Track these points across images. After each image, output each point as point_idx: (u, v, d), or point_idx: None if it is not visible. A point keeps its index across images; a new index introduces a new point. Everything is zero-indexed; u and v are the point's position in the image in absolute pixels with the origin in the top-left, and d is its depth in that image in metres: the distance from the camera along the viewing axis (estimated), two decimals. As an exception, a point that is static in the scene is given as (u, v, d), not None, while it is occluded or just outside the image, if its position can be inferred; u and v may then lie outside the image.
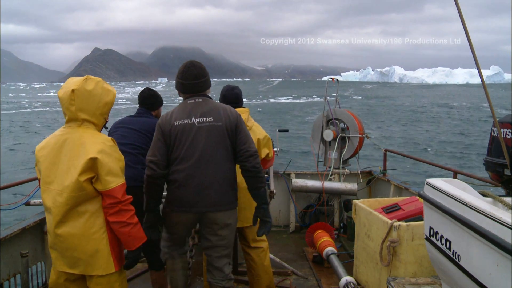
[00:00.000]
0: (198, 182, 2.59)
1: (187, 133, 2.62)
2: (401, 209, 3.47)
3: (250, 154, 2.64)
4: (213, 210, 2.63)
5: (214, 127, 2.63)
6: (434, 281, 2.63)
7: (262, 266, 3.37)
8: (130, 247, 2.33)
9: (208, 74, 2.83)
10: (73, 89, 2.19)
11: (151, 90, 3.68)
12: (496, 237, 1.51)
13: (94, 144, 2.21)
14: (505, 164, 2.42)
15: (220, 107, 2.72)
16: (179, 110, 2.71)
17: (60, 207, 2.18)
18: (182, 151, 2.61)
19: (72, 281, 2.34)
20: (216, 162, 2.62)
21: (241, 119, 2.74)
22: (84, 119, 2.25)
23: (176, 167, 2.62)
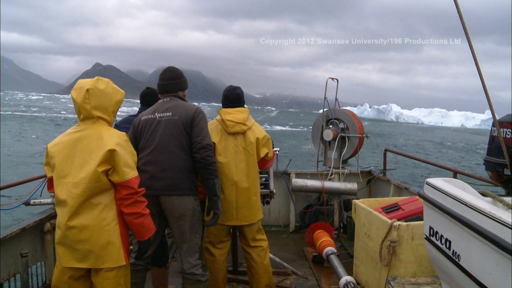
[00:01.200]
0: (153, 167, 2.83)
1: (149, 126, 2.93)
2: (401, 209, 3.47)
3: (201, 146, 2.84)
4: (165, 194, 2.82)
5: (170, 121, 2.89)
6: (434, 281, 2.63)
7: (262, 265, 3.38)
8: (142, 237, 2.45)
9: (184, 78, 3.12)
10: (88, 89, 2.30)
11: (149, 88, 3.72)
12: (496, 237, 1.51)
13: (111, 137, 2.33)
14: (505, 164, 2.42)
15: (181, 105, 2.97)
16: (150, 108, 3.05)
17: (76, 198, 2.24)
18: (144, 141, 2.92)
19: (76, 279, 2.35)
20: (170, 151, 2.84)
21: (200, 115, 2.93)
22: (99, 116, 2.37)
23: (139, 155, 2.89)
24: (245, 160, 3.27)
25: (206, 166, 2.83)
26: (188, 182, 2.87)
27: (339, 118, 6.02)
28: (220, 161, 3.23)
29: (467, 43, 2.05)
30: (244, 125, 3.28)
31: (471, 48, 2.05)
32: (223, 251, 3.39)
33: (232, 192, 3.23)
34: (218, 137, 3.27)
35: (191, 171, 2.90)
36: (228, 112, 3.32)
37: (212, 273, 3.35)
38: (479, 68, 2.05)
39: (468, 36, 2.01)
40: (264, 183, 4.33)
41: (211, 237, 3.36)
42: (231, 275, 3.92)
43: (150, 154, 2.86)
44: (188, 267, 2.92)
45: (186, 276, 2.94)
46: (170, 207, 2.84)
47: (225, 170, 3.23)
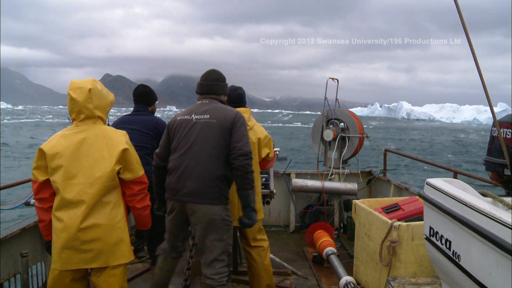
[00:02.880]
0: (181, 171, 2.70)
1: (184, 127, 2.79)
2: (401, 209, 3.47)
3: (242, 153, 2.65)
4: (191, 201, 2.68)
5: (208, 124, 2.74)
6: (434, 281, 2.63)
7: (262, 265, 3.38)
8: (147, 226, 2.62)
9: (225, 83, 2.98)
10: (90, 88, 2.32)
11: (145, 86, 3.71)
12: (496, 237, 1.51)
13: (119, 136, 2.38)
14: (505, 164, 2.42)
15: (221, 108, 2.82)
16: (187, 109, 2.93)
17: (92, 198, 2.25)
18: (177, 142, 2.80)
19: (76, 280, 2.36)
20: (202, 156, 2.69)
21: (241, 121, 2.77)
22: (99, 116, 2.39)
23: (171, 156, 2.82)
24: None
25: (244, 175, 2.65)
26: (217, 191, 2.69)
27: (339, 118, 6.02)
28: None
29: (470, 43, 2.05)
30: None
31: (471, 48, 2.05)
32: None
33: (233, 192, 3.23)
34: None
35: (222, 180, 2.72)
36: None
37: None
38: (479, 66, 2.05)
39: (468, 35, 2.01)
40: (264, 183, 4.33)
41: None
42: (231, 275, 3.92)
43: (181, 158, 2.72)
44: (212, 273, 2.73)
45: (206, 281, 2.73)
46: (196, 215, 2.70)
47: None
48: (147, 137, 3.33)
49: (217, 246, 2.74)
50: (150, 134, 3.35)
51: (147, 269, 4.21)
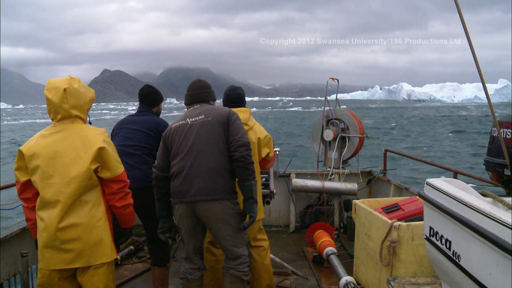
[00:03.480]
0: (187, 172, 2.70)
1: (180, 131, 2.82)
2: (401, 209, 3.47)
3: (240, 144, 2.69)
4: (202, 199, 2.67)
5: (204, 123, 2.79)
6: (434, 281, 2.63)
7: (262, 265, 3.38)
8: (129, 224, 2.59)
9: (211, 89, 3.08)
10: (65, 88, 2.28)
11: (150, 86, 3.68)
12: (496, 237, 1.51)
13: (96, 135, 2.34)
14: (505, 164, 2.42)
15: (213, 108, 2.91)
16: (180, 117, 2.94)
17: (68, 198, 2.23)
18: (176, 148, 2.80)
19: (65, 279, 2.35)
20: (205, 153, 2.71)
21: (234, 115, 2.84)
22: (76, 115, 2.35)
23: (172, 162, 2.81)
24: None
25: (245, 166, 2.66)
26: (226, 185, 2.71)
27: (339, 118, 6.02)
28: None
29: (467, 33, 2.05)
30: (245, 125, 3.27)
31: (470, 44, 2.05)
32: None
33: None
34: None
35: (229, 173, 2.74)
36: None
37: (213, 273, 3.35)
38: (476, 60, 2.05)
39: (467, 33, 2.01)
40: (264, 183, 4.33)
41: (212, 237, 3.36)
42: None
43: (183, 160, 2.73)
44: (235, 264, 2.80)
45: (229, 272, 2.80)
46: (208, 212, 2.70)
47: None
48: (147, 137, 3.33)
49: (235, 238, 2.78)
50: (150, 134, 3.35)
51: (147, 269, 4.21)
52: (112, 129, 3.49)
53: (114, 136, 3.37)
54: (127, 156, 3.20)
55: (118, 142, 3.26)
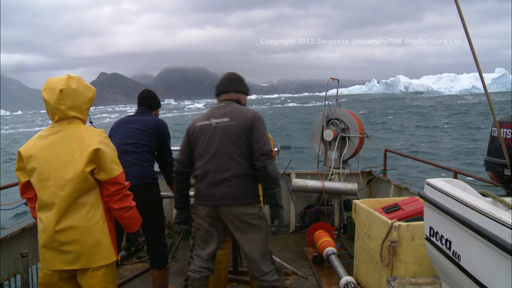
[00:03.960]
0: (212, 177, 2.74)
1: (205, 132, 2.82)
2: (401, 209, 3.47)
3: (262, 153, 2.68)
4: (228, 204, 2.71)
5: (228, 126, 2.76)
6: (434, 281, 2.63)
7: (262, 266, 3.37)
8: (132, 229, 2.49)
9: (243, 81, 3.04)
10: (61, 89, 2.22)
11: (150, 91, 3.72)
12: (496, 237, 1.51)
13: (92, 136, 2.28)
14: (505, 164, 2.42)
15: (238, 109, 2.85)
16: (204, 114, 2.95)
17: (63, 200, 2.20)
18: (200, 149, 2.82)
19: (65, 280, 2.34)
20: (229, 159, 2.72)
21: (258, 120, 2.79)
22: (74, 116, 2.30)
23: (196, 164, 2.85)
24: None
25: (267, 175, 2.68)
26: (250, 191, 2.74)
27: (339, 118, 6.02)
28: None
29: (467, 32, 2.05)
30: None
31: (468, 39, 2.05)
32: (225, 252, 3.38)
33: None
34: None
35: (252, 179, 2.75)
36: None
37: (214, 273, 3.35)
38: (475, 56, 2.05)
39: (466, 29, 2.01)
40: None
41: None
42: (231, 275, 3.91)
43: (207, 164, 2.75)
44: (261, 275, 2.78)
45: (261, 284, 2.79)
46: (233, 217, 2.73)
47: None
48: (147, 135, 3.34)
49: (259, 244, 2.76)
50: (150, 132, 3.36)
51: (147, 269, 4.21)
52: (110, 128, 3.49)
53: (112, 135, 3.36)
54: (127, 154, 3.20)
55: (118, 140, 3.26)
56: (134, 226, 2.49)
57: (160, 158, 3.50)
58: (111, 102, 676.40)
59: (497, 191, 2.60)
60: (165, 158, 3.53)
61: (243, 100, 3.01)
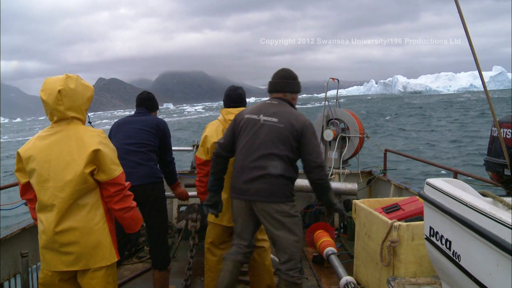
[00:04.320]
0: (249, 172, 2.81)
1: (251, 126, 2.88)
2: (401, 209, 3.47)
3: (315, 165, 2.77)
4: (260, 200, 2.79)
5: (275, 127, 2.82)
6: (434, 281, 2.63)
7: (263, 266, 3.38)
8: (133, 229, 2.48)
9: (294, 80, 3.04)
10: (60, 90, 2.19)
11: (149, 93, 3.73)
12: (496, 237, 1.51)
13: (92, 137, 2.26)
14: (505, 164, 2.42)
15: (289, 112, 2.89)
16: (255, 106, 3.01)
17: (63, 202, 2.19)
18: (243, 141, 2.89)
19: (66, 281, 2.34)
20: (267, 157, 2.78)
21: (311, 130, 2.84)
22: (73, 116, 2.27)
23: (237, 156, 2.92)
24: None
25: (322, 185, 2.81)
26: (285, 190, 2.80)
27: (339, 118, 6.02)
28: None
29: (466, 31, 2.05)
30: None
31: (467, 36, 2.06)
32: (225, 252, 3.39)
33: None
34: (220, 137, 3.27)
35: (288, 180, 2.83)
36: (230, 112, 3.32)
37: (214, 273, 3.35)
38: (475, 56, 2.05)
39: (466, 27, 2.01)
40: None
41: (213, 237, 3.36)
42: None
43: (247, 158, 2.83)
44: (286, 269, 2.84)
45: (283, 277, 2.85)
46: (266, 213, 2.80)
47: (228, 170, 3.22)
48: (149, 135, 3.34)
49: (289, 242, 2.82)
50: (152, 132, 3.36)
51: (147, 269, 4.21)
52: (110, 129, 3.48)
53: (113, 136, 3.36)
54: (131, 154, 3.20)
55: (120, 141, 3.25)
56: (135, 227, 2.48)
57: (161, 157, 3.50)
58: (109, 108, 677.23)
59: (497, 191, 2.61)
60: (166, 157, 3.53)
61: (296, 99, 3.08)
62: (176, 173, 3.71)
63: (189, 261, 3.89)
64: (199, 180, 3.41)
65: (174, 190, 3.78)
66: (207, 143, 3.27)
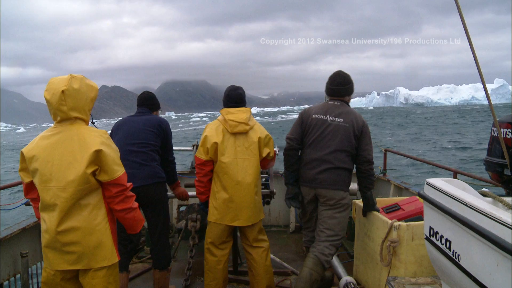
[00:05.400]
0: (318, 165, 3.28)
1: (319, 126, 3.32)
2: (401, 209, 3.47)
3: (367, 160, 3.31)
4: (325, 187, 3.28)
5: (341, 127, 3.28)
6: (434, 281, 2.63)
7: (263, 266, 3.38)
8: (134, 230, 2.50)
9: (352, 84, 3.45)
10: (63, 90, 2.20)
11: (150, 92, 3.71)
12: (496, 237, 1.51)
13: (94, 137, 2.27)
14: (505, 164, 2.42)
15: (352, 113, 3.35)
16: (320, 107, 3.42)
17: (65, 202, 2.20)
18: (312, 139, 3.34)
19: (68, 280, 2.34)
20: (335, 153, 3.26)
21: (366, 129, 3.35)
22: (76, 117, 2.28)
23: (306, 150, 3.37)
24: (247, 159, 3.27)
25: (368, 177, 3.33)
26: (346, 180, 3.33)
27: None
28: (224, 161, 3.23)
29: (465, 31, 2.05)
30: (246, 124, 3.27)
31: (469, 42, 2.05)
32: (225, 252, 3.39)
33: (235, 192, 3.23)
34: (220, 137, 3.26)
35: (348, 171, 3.34)
36: (230, 112, 3.32)
37: (214, 273, 3.35)
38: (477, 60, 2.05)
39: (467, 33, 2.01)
40: (264, 183, 4.33)
41: (213, 237, 3.36)
42: (231, 275, 3.92)
43: (317, 153, 3.29)
44: (320, 251, 3.24)
45: (314, 253, 3.23)
46: (327, 198, 3.28)
47: (228, 170, 3.22)
48: (151, 134, 3.33)
49: (339, 222, 3.31)
50: (153, 131, 3.35)
51: (147, 269, 4.21)
52: (111, 129, 3.47)
53: (114, 136, 3.35)
54: (133, 154, 3.19)
55: (122, 141, 3.24)
56: (137, 228, 2.49)
57: (162, 157, 3.48)
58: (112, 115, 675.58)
59: (497, 191, 2.61)
60: (168, 157, 3.52)
61: (350, 99, 3.51)
62: (176, 173, 3.70)
63: (189, 261, 3.89)
64: (198, 180, 3.40)
65: (174, 190, 3.78)
66: (207, 143, 3.27)
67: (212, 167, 3.32)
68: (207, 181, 3.36)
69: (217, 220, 3.29)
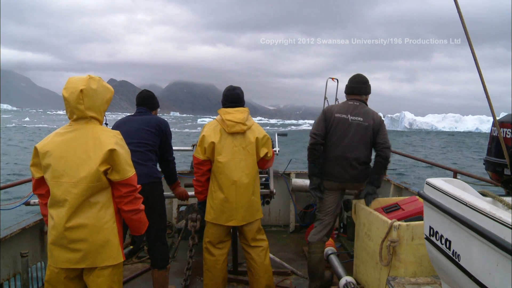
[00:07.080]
0: (342, 161, 3.50)
1: (342, 125, 3.52)
2: (401, 208, 3.47)
3: (386, 146, 3.51)
4: (351, 182, 3.54)
5: (361, 125, 3.51)
6: (434, 281, 2.63)
7: (262, 265, 3.38)
8: (139, 232, 2.54)
9: (369, 83, 3.67)
10: (82, 89, 2.27)
11: (149, 91, 3.71)
12: (496, 237, 1.51)
13: (109, 137, 2.33)
14: (505, 164, 2.42)
15: (370, 112, 3.56)
16: (341, 106, 3.64)
17: (76, 198, 2.23)
18: (335, 137, 3.52)
19: (71, 279, 2.35)
20: (357, 149, 3.49)
21: (383, 124, 3.62)
22: (92, 116, 2.34)
23: (330, 147, 3.55)
24: (244, 159, 3.27)
25: (384, 161, 3.50)
26: (367, 173, 3.57)
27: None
28: (220, 160, 3.23)
29: (470, 49, 2.05)
30: (243, 125, 3.28)
31: (472, 52, 2.05)
32: (223, 251, 3.39)
33: (232, 192, 3.23)
34: (217, 136, 3.27)
35: (369, 165, 3.59)
36: (227, 112, 3.32)
37: (213, 273, 3.35)
38: (478, 66, 2.05)
39: (471, 43, 2.01)
40: (264, 183, 4.33)
41: (211, 237, 3.36)
42: (231, 275, 3.92)
43: (341, 150, 3.49)
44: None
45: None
46: (352, 190, 3.70)
47: (224, 170, 3.23)
48: (149, 134, 3.33)
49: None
50: (152, 131, 3.35)
51: (147, 269, 4.21)
52: (111, 127, 3.47)
53: None
54: (130, 153, 3.20)
55: None
56: (141, 229, 2.53)
57: (162, 157, 3.49)
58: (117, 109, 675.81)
59: (497, 191, 2.61)
60: (167, 157, 3.52)
61: (368, 98, 3.71)
62: (176, 173, 3.70)
63: (189, 261, 3.89)
64: (196, 179, 3.40)
65: (174, 190, 3.78)
66: (204, 142, 3.28)
67: (209, 167, 3.33)
68: (205, 180, 3.37)
69: (213, 220, 3.30)
